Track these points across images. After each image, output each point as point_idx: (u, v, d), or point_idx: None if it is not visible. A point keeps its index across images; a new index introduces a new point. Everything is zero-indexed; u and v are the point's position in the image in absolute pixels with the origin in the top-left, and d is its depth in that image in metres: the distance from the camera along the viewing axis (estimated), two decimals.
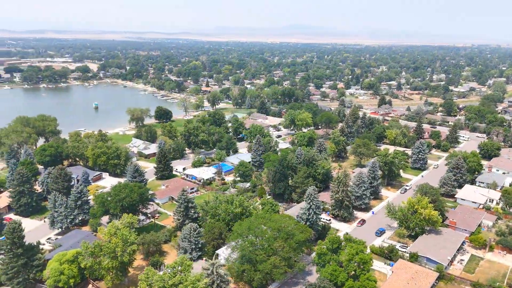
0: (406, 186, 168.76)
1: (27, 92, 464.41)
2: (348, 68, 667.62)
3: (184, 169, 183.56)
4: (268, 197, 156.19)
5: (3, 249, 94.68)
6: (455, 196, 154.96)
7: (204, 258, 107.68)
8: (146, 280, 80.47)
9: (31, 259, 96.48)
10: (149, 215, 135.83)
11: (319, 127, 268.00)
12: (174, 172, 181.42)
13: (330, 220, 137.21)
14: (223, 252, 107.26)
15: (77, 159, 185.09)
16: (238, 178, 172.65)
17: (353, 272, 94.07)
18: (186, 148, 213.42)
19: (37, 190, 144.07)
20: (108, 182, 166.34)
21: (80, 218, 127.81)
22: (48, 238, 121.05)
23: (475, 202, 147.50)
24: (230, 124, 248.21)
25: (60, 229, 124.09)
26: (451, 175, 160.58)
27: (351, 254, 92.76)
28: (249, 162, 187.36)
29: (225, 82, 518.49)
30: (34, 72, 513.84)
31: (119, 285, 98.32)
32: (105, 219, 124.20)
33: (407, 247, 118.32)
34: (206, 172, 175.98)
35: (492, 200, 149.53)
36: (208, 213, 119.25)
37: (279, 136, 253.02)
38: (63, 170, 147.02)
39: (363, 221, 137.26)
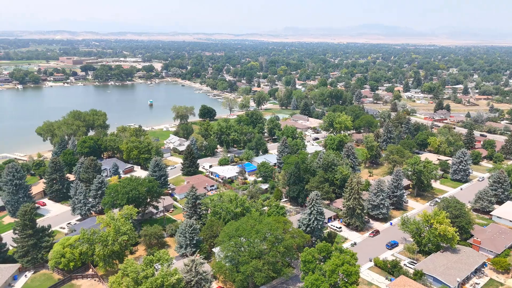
0: (438, 198, 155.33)
1: (96, 89, 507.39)
2: (412, 70, 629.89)
3: (210, 166, 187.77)
4: (284, 199, 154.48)
5: (18, 229, 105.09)
6: (491, 213, 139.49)
7: (198, 255, 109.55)
8: (125, 269, 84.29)
9: (40, 241, 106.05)
10: (162, 208, 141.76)
11: (361, 131, 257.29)
12: (201, 169, 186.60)
13: (340, 228, 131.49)
14: (218, 250, 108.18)
15: (115, 152, 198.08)
16: (260, 179, 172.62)
17: (338, 283, 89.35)
18: (218, 146, 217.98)
19: (69, 179, 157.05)
20: (138, 174, 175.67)
21: (101, 207, 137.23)
22: (68, 223, 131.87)
23: None
24: (266, 125, 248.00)
25: (80, 216, 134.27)
26: (490, 190, 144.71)
27: (335, 264, 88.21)
28: (275, 163, 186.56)
29: (277, 82, 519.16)
30: (104, 70, 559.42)
31: (115, 273, 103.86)
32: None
33: (416, 263, 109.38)
34: (229, 171, 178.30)
35: None
36: (210, 211, 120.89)
37: (316, 139, 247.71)
38: (93, 161, 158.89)
39: (376, 232, 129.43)
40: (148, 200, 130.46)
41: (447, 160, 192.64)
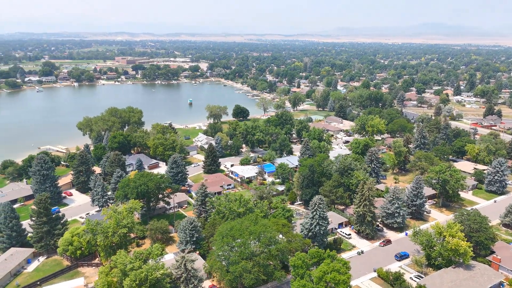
0: (468, 209, 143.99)
1: (143, 87, 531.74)
2: (468, 73, 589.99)
3: (232, 165, 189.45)
4: (299, 202, 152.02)
5: (33, 217, 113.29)
6: None
7: (197, 252, 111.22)
8: (115, 261, 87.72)
9: (54, 228, 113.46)
10: (175, 204, 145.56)
11: (397, 135, 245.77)
12: (222, 168, 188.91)
13: (350, 234, 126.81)
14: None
15: (144, 148, 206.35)
16: (277, 180, 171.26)
17: None
18: (244, 146, 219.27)
19: (95, 171, 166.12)
20: (163, 170, 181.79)
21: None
22: (87, 214, 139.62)
23: None
24: (295, 126, 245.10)
25: (98, 207, 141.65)
26: None
27: (322, 271, 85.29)
28: (296, 165, 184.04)
29: (319, 83, 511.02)
30: (152, 70, 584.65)
31: None
32: None
33: (423, 277, 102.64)
34: (249, 171, 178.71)
35: None
36: (215, 209, 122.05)
37: (347, 142, 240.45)
38: (117, 155, 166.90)
39: (387, 241, 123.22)
40: (160, 196, 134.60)
41: (485, 169, 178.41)
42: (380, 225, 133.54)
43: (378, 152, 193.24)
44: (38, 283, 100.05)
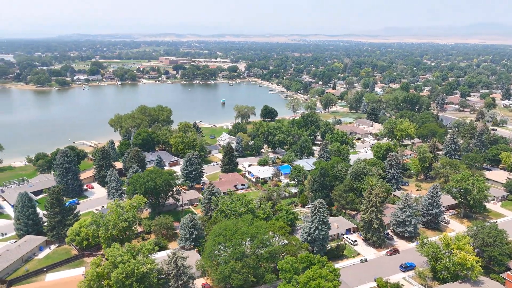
0: (489, 223, 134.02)
1: (181, 87, 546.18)
2: None
3: (249, 165, 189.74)
4: (309, 205, 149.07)
5: (47, 207, 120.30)
6: None
7: (196, 249, 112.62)
8: (108, 252, 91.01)
9: (65, 218, 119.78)
10: (186, 201, 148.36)
11: (428, 140, 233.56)
12: (240, 167, 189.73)
13: (356, 241, 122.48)
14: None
15: (167, 145, 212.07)
16: (292, 182, 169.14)
17: None
18: (266, 147, 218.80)
19: (116, 166, 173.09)
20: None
21: None
22: (102, 206, 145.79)
23: None
24: (321, 128, 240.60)
25: (112, 201, 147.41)
26: None
27: (308, 277, 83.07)
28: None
29: (356, 85, 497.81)
30: (192, 70, 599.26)
31: None
32: None
33: None
34: (265, 172, 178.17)
35: None
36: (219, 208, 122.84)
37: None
38: (138, 151, 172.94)
39: (395, 251, 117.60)
40: (170, 193, 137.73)
41: None
42: (390, 233, 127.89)
43: (402, 157, 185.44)
44: (45, 269, 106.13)
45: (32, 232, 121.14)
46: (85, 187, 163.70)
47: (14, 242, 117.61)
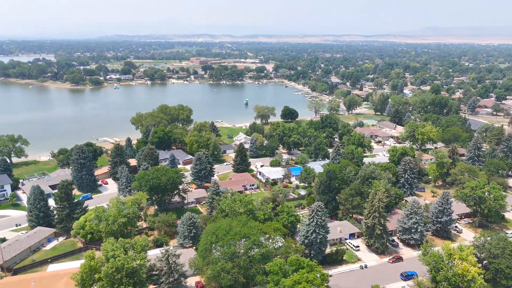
0: (507, 232, 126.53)
1: (208, 87, 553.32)
2: None
3: (261, 166, 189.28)
4: None
5: (56, 200, 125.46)
6: None
7: (194, 247, 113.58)
8: (103, 247, 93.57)
9: (73, 212, 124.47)
10: (193, 200, 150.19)
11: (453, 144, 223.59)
12: (252, 167, 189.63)
13: (358, 246, 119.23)
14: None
15: (183, 144, 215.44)
16: (302, 184, 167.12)
17: None
18: (281, 147, 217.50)
19: (130, 163, 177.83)
20: None
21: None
22: (107, 204, 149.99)
23: None
24: (339, 130, 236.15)
25: (123, 196, 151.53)
26: None
27: (294, 281, 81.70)
28: None
29: (385, 86, 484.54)
30: (219, 70, 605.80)
31: None
32: None
33: None
34: (275, 173, 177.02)
35: None
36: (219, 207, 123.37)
37: None
38: (151, 149, 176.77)
39: (398, 258, 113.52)
40: (176, 191, 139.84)
41: None
42: (396, 240, 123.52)
43: (420, 162, 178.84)
44: (49, 260, 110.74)
45: (43, 224, 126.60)
46: (99, 182, 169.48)
47: (26, 232, 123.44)
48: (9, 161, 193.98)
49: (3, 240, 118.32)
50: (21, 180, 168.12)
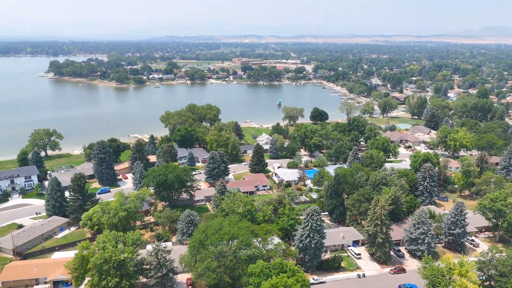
0: None
1: (247, 87, 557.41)
2: None
3: (279, 167, 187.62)
4: (325, 213, 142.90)
5: (70, 192, 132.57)
6: None
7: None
8: (97, 239, 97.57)
9: (85, 203, 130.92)
10: (203, 197, 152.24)
11: (490, 153, 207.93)
12: (269, 168, 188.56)
13: (360, 254, 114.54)
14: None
15: (205, 142, 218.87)
16: (315, 187, 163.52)
17: None
18: (303, 149, 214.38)
19: (150, 159, 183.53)
20: None
21: None
22: None
23: None
24: (365, 133, 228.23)
25: (137, 191, 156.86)
26: None
27: (271, 284, 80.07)
28: None
29: (428, 89, 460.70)
30: (258, 71, 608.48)
31: None
32: None
33: None
34: (290, 175, 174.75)
35: None
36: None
37: None
38: (170, 147, 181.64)
39: (400, 269, 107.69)
40: (184, 189, 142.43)
41: None
42: (402, 250, 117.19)
43: (445, 169, 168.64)
44: (57, 248, 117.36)
45: (59, 213, 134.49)
46: (120, 176, 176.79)
47: (42, 221, 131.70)
48: (44, 154, 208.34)
49: (20, 226, 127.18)
50: (49, 172, 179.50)
